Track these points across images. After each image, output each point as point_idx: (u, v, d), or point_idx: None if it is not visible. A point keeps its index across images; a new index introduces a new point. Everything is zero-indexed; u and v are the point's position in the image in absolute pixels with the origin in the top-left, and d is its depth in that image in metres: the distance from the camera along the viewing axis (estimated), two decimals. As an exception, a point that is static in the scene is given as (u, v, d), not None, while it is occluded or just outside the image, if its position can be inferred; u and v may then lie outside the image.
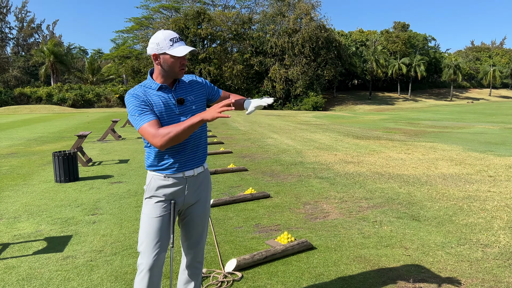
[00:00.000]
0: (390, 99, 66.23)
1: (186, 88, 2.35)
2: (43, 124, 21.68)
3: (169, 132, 2.07)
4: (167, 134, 2.07)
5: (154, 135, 2.09)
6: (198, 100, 2.37)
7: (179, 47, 2.18)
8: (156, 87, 2.25)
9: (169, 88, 2.28)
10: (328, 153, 9.93)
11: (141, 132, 2.15)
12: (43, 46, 54.98)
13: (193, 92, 2.36)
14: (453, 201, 5.45)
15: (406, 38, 69.08)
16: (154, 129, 2.10)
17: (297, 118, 28.48)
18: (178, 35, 2.24)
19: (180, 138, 2.09)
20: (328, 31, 51.95)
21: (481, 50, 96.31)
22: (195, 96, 2.36)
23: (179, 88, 2.32)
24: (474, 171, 7.72)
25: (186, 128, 2.06)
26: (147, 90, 2.24)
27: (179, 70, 2.23)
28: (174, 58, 2.18)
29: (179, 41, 2.20)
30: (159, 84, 2.25)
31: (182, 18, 49.65)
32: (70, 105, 46.19)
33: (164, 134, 2.07)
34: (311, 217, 4.83)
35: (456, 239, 4.05)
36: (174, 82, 2.32)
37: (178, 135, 2.07)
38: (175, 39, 2.19)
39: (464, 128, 19.07)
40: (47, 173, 7.79)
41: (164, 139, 2.07)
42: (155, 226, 2.30)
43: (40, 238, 4.24)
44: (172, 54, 2.16)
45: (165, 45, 2.17)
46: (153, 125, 2.11)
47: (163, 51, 2.17)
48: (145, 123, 2.12)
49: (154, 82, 2.26)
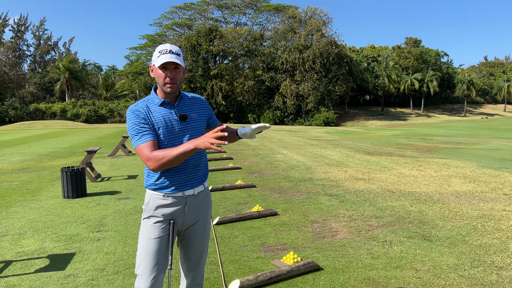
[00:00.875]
0: (402, 114, 65.73)
1: (189, 105, 2.31)
2: (56, 139, 21.95)
3: (162, 157, 2.05)
4: (161, 160, 2.05)
5: (148, 158, 2.08)
6: (200, 118, 2.33)
7: (161, 57, 2.13)
8: (158, 102, 2.22)
9: (172, 104, 2.24)
10: (338, 170, 9.79)
11: (137, 151, 2.15)
12: (58, 63, 56.19)
13: (196, 110, 2.32)
14: (466, 220, 5.28)
15: (418, 54, 68.87)
16: (149, 151, 2.08)
17: (308, 134, 28.37)
18: (173, 49, 2.16)
19: (173, 163, 2.08)
20: (339, 47, 52.08)
21: (495, 65, 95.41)
22: (198, 114, 2.32)
23: (182, 104, 2.28)
24: (489, 188, 7.51)
25: (179, 154, 2.04)
26: (149, 105, 2.22)
27: (164, 84, 2.16)
28: (160, 70, 2.15)
29: (167, 53, 2.14)
30: (162, 99, 2.22)
31: (195, 35, 50.34)
32: (83, 120, 46.83)
33: (157, 158, 2.06)
34: (318, 236, 4.71)
35: (470, 261, 3.88)
36: (176, 98, 2.28)
37: (171, 161, 2.06)
38: (164, 51, 2.14)
39: (478, 144, 18.73)
40: (55, 189, 7.80)
41: (157, 163, 2.06)
42: (153, 248, 2.23)
43: (43, 256, 4.20)
44: (155, 64, 2.14)
45: (155, 56, 2.17)
46: (149, 146, 2.09)
47: (153, 63, 2.18)
48: (141, 143, 2.10)
49: (156, 97, 2.24)
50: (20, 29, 67.94)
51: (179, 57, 2.17)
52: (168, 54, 2.14)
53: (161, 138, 2.17)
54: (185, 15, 59.10)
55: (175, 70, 2.17)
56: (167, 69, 2.15)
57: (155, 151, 2.07)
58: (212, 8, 58.94)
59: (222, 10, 59.82)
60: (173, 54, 2.15)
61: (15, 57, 62.57)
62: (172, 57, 2.12)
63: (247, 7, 58.77)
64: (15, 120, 44.54)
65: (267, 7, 57.30)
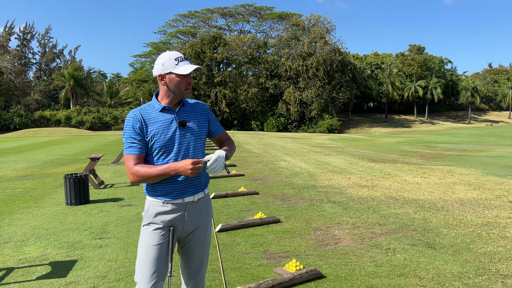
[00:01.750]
0: (406, 121, 65.59)
1: (189, 112, 2.34)
2: (60, 146, 22.04)
3: (142, 175, 2.13)
4: (141, 176, 2.14)
5: (130, 170, 2.16)
6: (200, 125, 2.34)
7: (184, 65, 2.19)
8: (159, 108, 2.25)
9: (172, 110, 2.27)
10: (342, 177, 9.75)
11: (124, 159, 2.24)
12: (64, 71, 56.62)
13: (197, 117, 2.35)
14: (471, 228, 5.23)
15: (422, 61, 68.88)
16: (133, 164, 2.16)
17: (311, 141, 28.33)
18: (183, 55, 2.25)
19: (153, 181, 2.16)
20: (342, 54, 52.21)
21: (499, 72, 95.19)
22: (198, 121, 2.34)
23: (183, 111, 2.31)
24: (494, 196, 7.45)
25: (159, 175, 2.13)
26: (149, 110, 2.25)
27: (185, 89, 2.23)
28: (180, 77, 2.19)
29: (184, 60, 2.21)
30: (163, 105, 2.25)
31: (199, 43, 50.65)
32: (88, 127, 47.06)
33: (138, 174, 2.14)
34: (321, 244, 4.68)
35: (474, 269, 3.84)
36: (178, 104, 2.30)
37: (151, 179, 2.15)
38: (180, 58, 2.20)
39: (483, 152, 18.63)
40: (59, 196, 7.81)
41: (136, 178, 2.15)
42: (152, 255, 2.22)
43: (45, 263, 4.19)
44: (177, 72, 2.17)
45: (170, 64, 2.19)
46: (134, 159, 2.17)
47: (169, 71, 2.19)
48: (128, 154, 2.19)
49: (158, 103, 2.27)
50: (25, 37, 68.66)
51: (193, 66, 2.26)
52: (186, 61, 2.23)
53: (159, 143, 2.19)
54: (189, 23, 59.58)
55: (190, 75, 2.25)
56: (185, 75, 2.21)
57: (138, 165, 2.15)
58: (216, 16, 59.38)
59: (226, 18, 60.24)
60: (188, 60, 2.25)
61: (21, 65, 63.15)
62: (192, 66, 2.22)
63: (251, 15, 59.16)
64: (20, 128, 44.83)
65: (270, 15, 57.63)
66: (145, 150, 2.20)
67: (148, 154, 2.23)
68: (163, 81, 2.22)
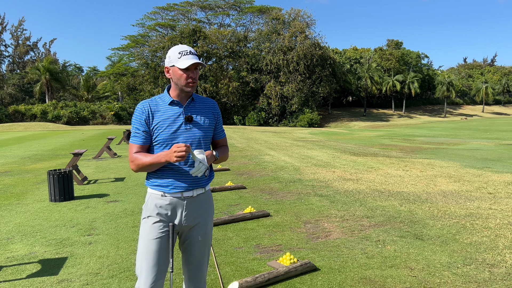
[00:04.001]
0: (384, 115, 66.65)
1: (198, 108, 2.34)
2: (37, 141, 21.50)
3: (139, 162, 2.19)
4: (137, 164, 2.20)
5: (131, 157, 2.23)
6: (207, 122, 2.34)
7: (186, 59, 2.18)
8: (168, 101, 2.27)
9: (181, 104, 2.28)
10: (326, 170, 9.87)
11: (129, 146, 2.30)
12: (38, 64, 55.06)
13: (205, 114, 2.34)
14: (455, 219, 5.38)
15: (400, 56, 69.97)
16: (134, 151, 2.23)
17: (293, 135, 28.49)
18: (192, 50, 2.23)
19: (149, 169, 2.20)
20: (322, 49, 52.52)
21: (473, 67, 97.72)
22: (206, 117, 2.34)
23: (192, 106, 2.31)
24: (473, 188, 7.68)
25: (153, 162, 2.17)
26: (158, 103, 2.27)
27: (186, 83, 2.22)
28: (181, 71, 2.20)
29: (188, 54, 2.20)
30: (172, 98, 2.27)
31: (178, 36, 50.04)
32: (65, 122, 46.01)
33: (135, 162, 2.20)
34: (312, 237, 4.73)
35: (462, 259, 3.96)
36: (187, 98, 2.30)
37: (147, 167, 2.19)
38: (184, 52, 2.21)
39: (459, 145, 19.13)
40: (41, 192, 7.64)
41: (134, 165, 2.21)
42: (152, 248, 2.22)
43: (34, 261, 4.11)
44: (177, 66, 2.19)
45: (174, 57, 2.22)
46: (136, 148, 2.23)
47: (172, 64, 2.22)
48: (132, 142, 2.25)
49: (168, 96, 2.29)
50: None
51: (198, 58, 2.23)
52: (189, 55, 2.21)
53: (164, 137, 2.21)
54: (168, 15, 58.77)
55: (195, 70, 2.23)
56: (189, 69, 2.21)
57: (137, 154, 2.21)
58: (196, 9, 58.75)
59: (205, 11, 59.68)
60: (194, 55, 2.23)
61: (-7, 58, 61.06)
62: (195, 58, 2.21)
63: (231, 8, 58.79)
64: (-7, 122, 43.46)
65: (250, 9, 57.40)
66: (149, 141, 2.24)
67: (154, 146, 2.25)
68: (168, 73, 2.27)
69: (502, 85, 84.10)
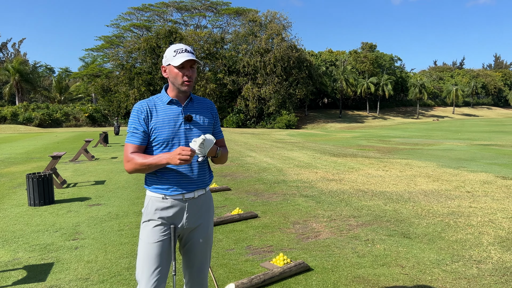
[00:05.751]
0: (359, 117, 67.77)
1: (197, 108, 2.30)
2: (9, 144, 20.79)
3: (137, 163, 2.12)
4: (135, 164, 2.13)
5: (126, 158, 2.17)
6: (206, 122, 2.31)
7: (180, 58, 2.14)
8: (166, 101, 2.23)
9: (180, 104, 2.24)
10: (309, 171, 9.94)
11: (124, 147, 2.22)
12: (7, 65, 53.29)
13: (204, 114, 2.32)
14: (439, 218, 5.52)
15: (374, 58, 71.32)
16: (130, 152, 2.16)
17: (271, 136, 28.58)
18: (188, 48, 2.18)
19: (146, 171, 2.14)
20: (299, 51, 52.94)
21: (444, 70, 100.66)
22: (205, 117, 2.31)
23: (190, 106, 2.28)
24: (452, 187, 7.89)
25: (152, 164, 2.11)
26: (157, 103, 2.23)
27: (182, 82, 2.17)
28: (177, 69, 2.16)
29: (183, 52, 2.15)
30: (170, 98, 2.23)
31: (154, 37, 49.43)
32: (36, 124, 44.68)
33: (132, 162, 2.13)
34: (302, 237, 4.76)
35: (450, 256, 4.07)
36: (186, 98, 2.26)
37: (144, 169, 2.13)
38: (179, 50, 2.16)
39: (433, 145, 19.63)
40: (18, 196, 7.39)
41: (130, 166, 2.14)
42: (153, 252, 2.17)
43: (18, 267, 3.97)
44: (172, 64, 2.16)
45: (170, 56, 2.18)
46: (133, 148, 2.16)
47: (168, 62, 2.19)
48: (128, 142, 2.19)
49: (166, 95, 2.24)
50: (-36, 28, 63.81)
51: (194, 55, 2.19)
52: (184, 53, 2.15)
53: (164, 137, 2.17)
54: (143, 16, 57.97)
55: (191, 68, 2.19)
56: (184, 68, 2.16)
57: (134, 154, 2.14)
58: (171, 10, 58.23)
59: (181, 12, 59.23)
60: (189, 53, 2.17)
61: (-41, 58, 58.74)
62: (190, 56, 2.15)
63: (207, 10, 58.55)
64: (-40, 125, 41.79)
65: (227, 10, 57.33)
66: (146, 142, 2.19)
67: (152, 147, 2.20)
68: (165, 72, 2.23)
69: (471, 87, 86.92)
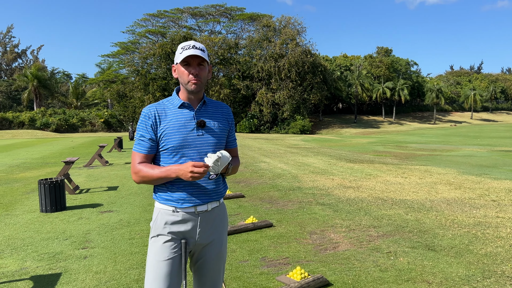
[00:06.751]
0: (375, 122, 66.99)
1: (211, 112, 2.10)
2: (25, 149, 21.01)
3: (144, 175, 1.97)
4: (142, 176, 1.98)
5: (134, 169, 2.01)
6: (221, 128, 2.10)
7: (184, 54, 1.94)
8: (177, 104, 2.04)
9: (192, 108, 2.04)
10: (325, 178, 9.68)
11: (131, 155, 2.06)
12: (26, 71, 54.31)
13: (218, 119, 2.11)
14: (465, 229, 5.22)
15: (389, 63, 70.55)
16: (137, 162, 2.01)
17: (285, 142, 28.33)
18: (197, 45, 1.98)
19: (154, 183, 1.99)
20: (313, 56, 52.67)
21: (461, 74, 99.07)
22: (219, 123, 2.10)
23: (203, 110, 2.08)
24: (476, 195, 7.55)
25: (160, 177, 1.96)
26: (167, 106, 2.04)
27: (188, 81, 1.98)
28: (183, 67, 1.98)
29: (190, 48, 1.95)
30: (182, 100, 2.04)
31: (169, 43, 49.74)
32: (53, 130, 45.31)
33: (139, 174, 1.98)
34: (320, 248, 4.52)
35: (480, 272, 3.78)
36: (199, 102, 2.07)
37: (152, 181, 1.98)
38: (186, 47, 1.96)
39: (452, 151, 19.14)
40: (31, 202, 7.32)
41: (138, 178, 2.00)
42: (163, 271, 1.97)
43: (25, 277, 3.83)
44: (178, 61, 1.98)
45: (177, 54, 2.00)
46: (140, 158, 2.01)
47: (176, 61, 2.01)
48: (135, 151, 2.03)
49: (177, 98, 2.06)
50: (-16, 35, 65.42)
51: (203, 53, 1.98)
52: (191, 49, 1.95)
53: (174, 144, 1.97)
54: (158, 22, 58.45)
55: (199, 66, 1.99)
56: (190, 65, 1.97)
57: (141, 164, 1.99)
58: (186, 16, 58.58)
59: (196, 18, 59.54)
60: (197, 49, 1.96)
61: (-20, 64, 60.11)
62: (195, 51, 1.94)
63: (222, 16, 58.73)
64: (-21, 130, 42.62)
65: (241, 16, 57.41)
66: (155, 150, 2.02)
67: (161, 154, 2.01)
68: (175, 72, 2.06)
69: (489, 92, 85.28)
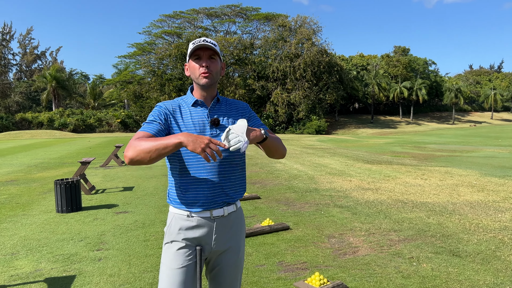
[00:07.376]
0: (392, 122, 66.11)
1: (225, 110, 2.00)
2: (44, 149, 21.31)
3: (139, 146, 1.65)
4: (137, 146, 1.65)
5: (129, 144, 1.70)
6: None
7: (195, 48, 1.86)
8: (191, 102, 1.94)
9: (205, 105, 1.94)
10: (342, 179, 9.50)
11: None
12: (45, 72, 55.31)
13: (233, 115, 2.00)
14: (491, 233, 5.00)
15: (407, 62, 69.52)
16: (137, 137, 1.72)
17: (301, 142, 28.12)
18: (207, 39, 1.89)
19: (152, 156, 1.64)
20: (329, 56, 52.20)
21: (481, 73, 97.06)
22: (234, 119, 1.98)
23: (217, 108, 1.98)
24: (500, 198, 7.28)
25: (160, 146, 1.63)
26: (181, 104, 1.95)
27: (198, 75, 1.88)
28: (194, 61, 1.89)
29: (200, 42, 1.86)
30: (195, 98, 1.94)
31: (185, 44, 50.01)
32: (71, 130, 45.99)
33: (135, 144, 1.66)
34: (339, 253, 4.38)
35: (509, 279, 3.59)
36: (211, 99, 1.97)
37: (148, 148, 1.64)
38: (197, 42, 1.87)
39: (472, 152, 18.66)
40: (48, 202, 7.35)
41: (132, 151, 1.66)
42: (177, 280, 1.86)
43: (39, 279, 3.79)
44: (188, 57, 1.91)
45: (188, 51, 1.91)
46: (142, 134, 1.75)
47: (188, 58, 1.93)
48: (142, 130, 1.79)
49: (191, 96, 1.97)
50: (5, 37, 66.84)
51: (214, 46, 1.88)
52: (202, 43, 1.86)
53: None
54: (174, 23, 58.77)
55: (210, 59, 1.89)
56: (201, 58, 1.88)
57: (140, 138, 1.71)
58: (202, 16, 58.76)
59: (211, 19, 59.69)
60: (208, 43, 1.87)
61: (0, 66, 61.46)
62: (205, 43, 1.85)
63: (237, 16, 58.74)
64: (0, 130, 43.53)
65: (257, 16, 57.32)
66: (163, 135, 1.81)
67: (171, 155, 1.90)
68: (187, 71, 1.97)
69: (510, 92, 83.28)
